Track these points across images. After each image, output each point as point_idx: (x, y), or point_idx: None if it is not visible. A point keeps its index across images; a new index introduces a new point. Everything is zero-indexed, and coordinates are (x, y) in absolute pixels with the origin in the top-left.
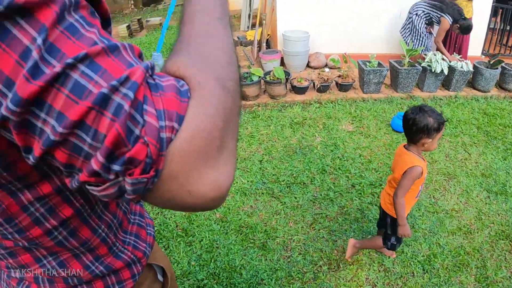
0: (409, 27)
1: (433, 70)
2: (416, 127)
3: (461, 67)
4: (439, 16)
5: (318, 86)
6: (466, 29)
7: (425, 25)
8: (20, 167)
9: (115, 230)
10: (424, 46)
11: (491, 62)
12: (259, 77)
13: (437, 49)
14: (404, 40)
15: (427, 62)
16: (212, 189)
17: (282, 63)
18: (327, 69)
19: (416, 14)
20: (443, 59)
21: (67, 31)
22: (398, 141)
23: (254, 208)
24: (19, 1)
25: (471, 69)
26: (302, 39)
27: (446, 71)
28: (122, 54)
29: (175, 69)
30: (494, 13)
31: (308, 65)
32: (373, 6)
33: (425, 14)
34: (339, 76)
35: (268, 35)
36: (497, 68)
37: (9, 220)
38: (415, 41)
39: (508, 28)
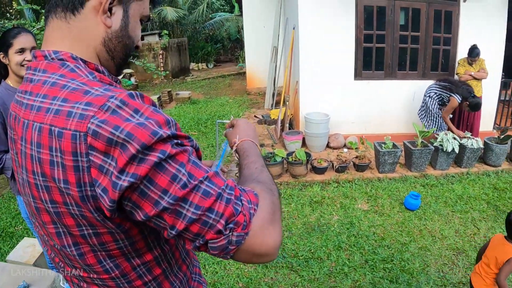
0: (423, 109)
1: (444, 149)
2: None
3: (472, 144)
4: (448, 96)
5: (337, 166)
6: (475, 106)
7: (438, 106)
8: (138, 244)
9: (184, 284)
10: (437, 126)
11: (501, 138)
12: (282, 157)
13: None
14: (421, 120)
15: (439, 141)
16: (274, 241)
17: (304, 143)
18: (345, 150)
19: (429, 96)
20: (454, 138)
21: (194, 165)
22: (410, 219)
23: (274, 280)
24: (172, 152)
25: (481, 146)
26: (323, 122)
27: (457, 150)
28: (220, 175)
29: (249, 188)
30: (504, 86)
31: (328, 146)
32: (388, 90)
33: (437, 96)
34: (356, 157)
35: (291, 115)
36: (506, 143)
37: (125, 276)
38: (430, 122)
39: None
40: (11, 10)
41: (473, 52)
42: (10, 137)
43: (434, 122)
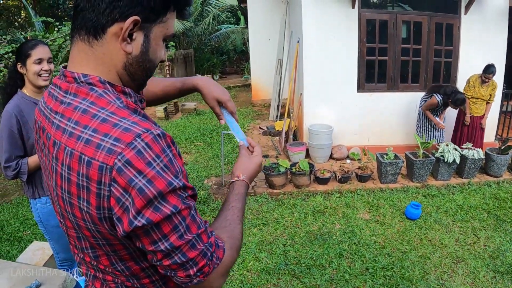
0: (417, 120)
1: (446, 160)
2: None
3: (473, 155)
4: (431, 97)
5: (339, 177)
6: (457, 101)
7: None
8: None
9: None
10: (431, 137)
11: (502, 148)
12: (286, 168)
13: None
14: (418, 133)
15: (440, 152)
16: (217, 287)
17: (307, 154)
18: (348, 161)
19: (420, 106)
20: (455, 149)
21: (192, 219)
22: (411, 229)
23: (277, 286)
24: (182, 207)
25: (482, 157)
26: (326, 133)
27: (458, 160)
28: (207, 231)
29: (222, 237)
30: (505, 97)
31: (331, 157)
32: (390, 102)
33: (425, 103)
34: (359, 168)
35: (296, 126)
36: (507, 154)
37: (135, 275)
38: (423, 132)
39: None
40: (19, 20)
41: (489, 69)
42: (36, 142)
43: (426, 132)
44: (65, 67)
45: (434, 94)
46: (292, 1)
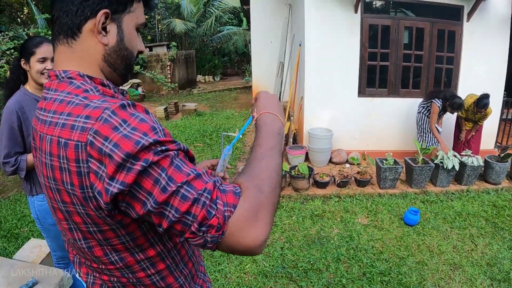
0: (417, 126)
1: (445, 167)
2: None
3: (472, 162)
4: (430, 103)
5: (338, 181)
6: (454, 105)
7: (428, 120)
8: (139, 240)
9: (189, 281)
10: (429, 142)
11: (501, 156)
12: (285, 171)
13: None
14: (418, 139)
15: (440, 159)
16: (253, 240)
17: (307, 158)
18: (347, 165)
19: (419, 112)
20: (454, 155)
21: (176, 169)
22: (409, 234)
23: None
24: (154, 159)
25: (482, 164)
26: (326, 137)
27: (457, 167)
28: (202, 177)
29: (238, 181)
30: (505, 104)
31: (330, 161)
32: (391, 108)
33: (424, 109)
34: (358, 173)
35: (296, 130)
36: (507, 161)
37: (129, 268)
38: (422, 138)
39: None
40: (22, 16)
41: (481, 103)
42: (33, 147)
43: (425, 138)
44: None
45: (434, 100)
46: (295, 4)
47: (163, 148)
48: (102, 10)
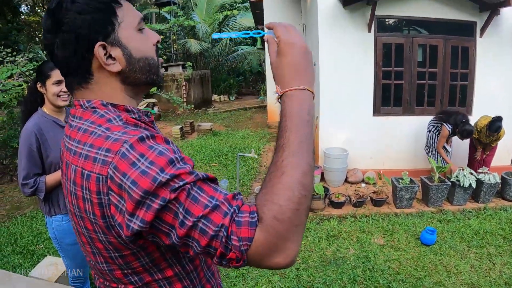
0: (426, 144)
1: (461, 185)
2: None
3: (489, 179)
4: (440, 125)
5: (354, 201)
6: (463, 133)
7: (437, 139)
8: (158, 260)
9: None
10: (438, 160)
11: None
12: None
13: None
14: (427, 155)
15: (456, 177)
16: (276, 265)
17: (322, 177)
18: (363, 185)
19: (429, 130)
20: (471, 173)
21: (192, 200)
22: (426, 254)
23: None
24: (171, 196)
25: (499, 181)
26: (341, 157)
27: (474, 185)
28: (220, 208)
29: (257, 203)
30: None
31: (346, 180)
32: (406, 126)
33: (434, 128)
34: (374, 192)
35: None
36: None
37: (147, 285)
38: (432, 156)
39: None
40: (40, 35)
41: (493, 127)
42: (61, 171)
43: (435, 156)
44: None
45: (444, 125)
46: (309, 24)
47: (181, 183)
48: (96, 45)
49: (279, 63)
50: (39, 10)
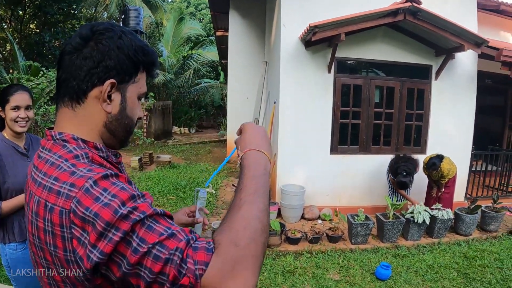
0: (388, 182)
1: (416, 221)
2: None
3: (442, 215)
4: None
5: (310, 237)
6: (398, 184)
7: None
8: None
9: None
10: (399, 198)
11: (471, 208)
12: None
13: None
14: (389, 195)
15: (410, 213)
16: None
17: (279, 214)
18: (319, 221)
19: (387, 171)
20: (425, 210)
21: (147, 229)
22: None
23: None
24: (126, 228)
25: (452, 217)
26: (298, 194)
27: (428, 221)
28: (177, 236)
29: (214, 236)
30: (474, 157)
31: (302, 217)
32: (362, 164)
33: (388, 172)
34: (330, 229)
35: None
36: (476, 213)
37: None
38: (391, 193)
39: (489, 168)
40: (4, 52)
41: (429, 164)
42: (25, 200)
43: (396, 193)
44: (50, 128)
45: (389, 173)
46: (272, 62)
47: (141, 215)
48: (109, 80)
49: (240, 138)
50: (5, 26)
